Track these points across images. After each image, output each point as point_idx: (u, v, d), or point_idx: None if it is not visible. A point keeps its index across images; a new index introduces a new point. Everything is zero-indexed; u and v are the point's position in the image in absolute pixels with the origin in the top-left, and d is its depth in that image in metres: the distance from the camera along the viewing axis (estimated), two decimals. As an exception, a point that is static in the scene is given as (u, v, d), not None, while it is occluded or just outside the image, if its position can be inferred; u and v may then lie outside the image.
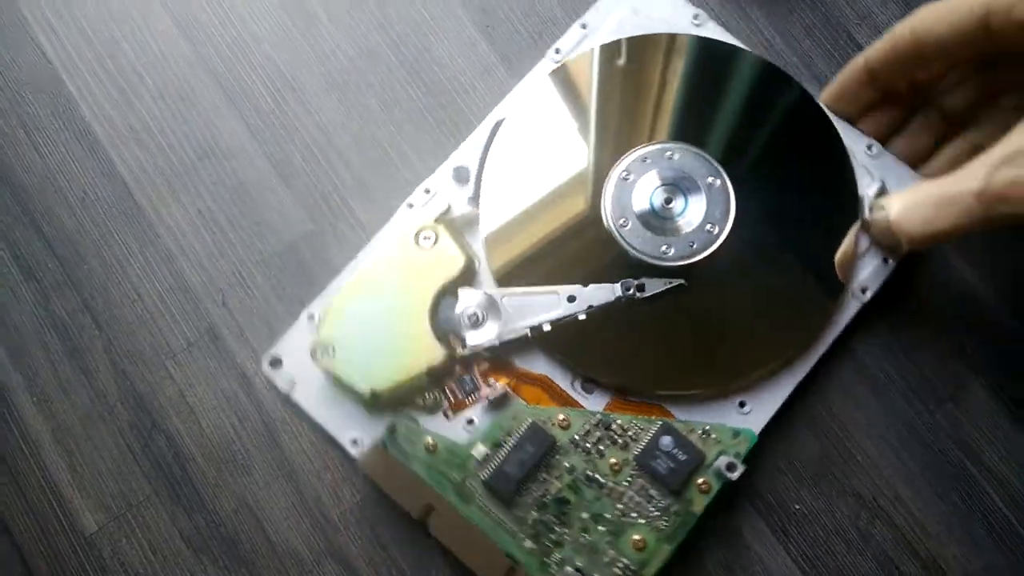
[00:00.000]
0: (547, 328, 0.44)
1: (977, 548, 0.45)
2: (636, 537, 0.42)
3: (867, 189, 0.46)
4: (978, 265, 0.48)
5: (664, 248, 0.45)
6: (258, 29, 0.52)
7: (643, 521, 0.43)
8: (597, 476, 0.43)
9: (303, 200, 0.50)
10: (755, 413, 0.45)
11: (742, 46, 0.49)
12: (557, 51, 0.49)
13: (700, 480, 0.43)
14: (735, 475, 0.42)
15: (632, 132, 0.48)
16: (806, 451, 0.46)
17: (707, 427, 0.44)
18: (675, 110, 0.48)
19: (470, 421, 0.44)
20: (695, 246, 0.45)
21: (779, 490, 0.46)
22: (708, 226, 0.46)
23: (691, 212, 0.46)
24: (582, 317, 0.44)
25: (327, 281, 0.47)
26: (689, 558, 0.44)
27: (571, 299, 0.44)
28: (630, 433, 0.44)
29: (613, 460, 0.43)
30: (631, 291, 0.44)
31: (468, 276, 0.45)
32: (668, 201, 0.46)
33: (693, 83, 0.48)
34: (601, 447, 0.44)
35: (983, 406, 0.46)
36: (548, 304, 0.44)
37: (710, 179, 0.46)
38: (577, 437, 0.44)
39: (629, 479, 0.43)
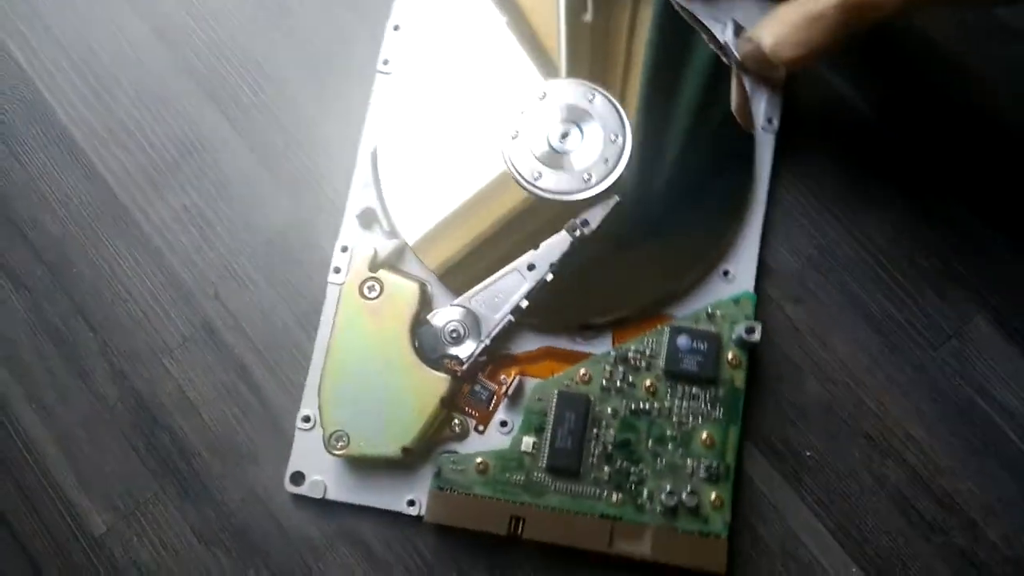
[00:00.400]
0: (525, 304, 0.44)
1: (991, 480, 0.45)
2: (703, 436, 0.43)
3: (725, 34, 0.48)
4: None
5: (585, 178, 0.46)
6: (232, 24, 0.52)
7: (701, 420, 0.44)
8: (641, 405, 0.44)
9: (288, 188, 0.49)
10: (741, 274, 0.46)
11: None
12: (385, 62, 0.49)
13: (729, 357, 0.44)
14: (756, 336, 0.43)
15: (499, 92, 0.48)
16: (813, 398, 0.46)
17: (708, 309, 0.45)
18: (525, 55, 0.49)
19: (503, 423, 0.44)
20: (610, 161, 0.46)
21: (789, 438, 0.46)
22: (611, 137, 0.47)
23: (590, 135, 0.47)
24: (550, 278, 0.45)
25: (317, 265, 0.48)
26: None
27: (531, 267, 0.45)
28: (647, 353, 0.44)
29: (647, 383, 0.44)
30: (577, 231, 0.45)
31: (427, 299, 0.45)
32: (564, 136, 0.47)
33: (534, 22, 0.49)
34: (630, 378, 0.44)
35: (987, 340, 0.47)
36: (514, 284, 0.45)
37: (590, 98, 0.47)
38: (604, 382, 0.44)
39: (669, 392, 0.44)
